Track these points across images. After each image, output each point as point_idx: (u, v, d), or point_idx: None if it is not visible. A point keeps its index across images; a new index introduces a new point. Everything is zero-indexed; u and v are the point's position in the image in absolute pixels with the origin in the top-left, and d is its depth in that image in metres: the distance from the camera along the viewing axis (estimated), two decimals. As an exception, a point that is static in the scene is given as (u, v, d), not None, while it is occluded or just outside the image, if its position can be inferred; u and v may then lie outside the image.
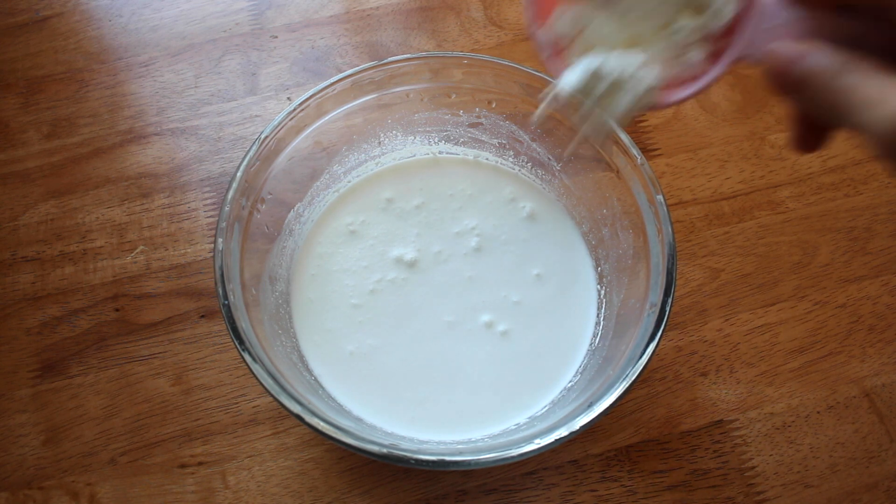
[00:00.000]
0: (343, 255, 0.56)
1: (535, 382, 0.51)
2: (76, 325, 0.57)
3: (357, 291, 0.54)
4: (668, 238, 0.47)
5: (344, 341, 0.52)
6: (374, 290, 0.54)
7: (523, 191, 0.58)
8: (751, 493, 0.52)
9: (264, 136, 0.50)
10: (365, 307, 0.53)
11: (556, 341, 0.52)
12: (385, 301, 0.54)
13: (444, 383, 0.51)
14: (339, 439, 0.41)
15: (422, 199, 0.58)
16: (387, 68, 0.54)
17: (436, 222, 0.57)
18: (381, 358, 0.52)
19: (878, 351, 0.57)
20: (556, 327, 0.53)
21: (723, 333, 0.57)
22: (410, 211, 0.57)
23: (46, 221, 0.61)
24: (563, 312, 0.54)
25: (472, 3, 0.73)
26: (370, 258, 0.55)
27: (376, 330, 0.53)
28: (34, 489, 0.51)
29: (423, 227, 0.57)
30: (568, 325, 0.53)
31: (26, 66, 0.69)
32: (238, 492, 0.51)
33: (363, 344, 0.52)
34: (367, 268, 0.55)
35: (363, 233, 0.57)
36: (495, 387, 0.51)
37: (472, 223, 0.57)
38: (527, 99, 0.55)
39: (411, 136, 0.59)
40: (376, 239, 0.56)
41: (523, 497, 0.51)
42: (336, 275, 0.55)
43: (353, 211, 0.58)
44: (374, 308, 0.53)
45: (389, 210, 0.58)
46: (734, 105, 0.68)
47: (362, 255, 0.56)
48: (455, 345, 0.52)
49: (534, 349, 0.52)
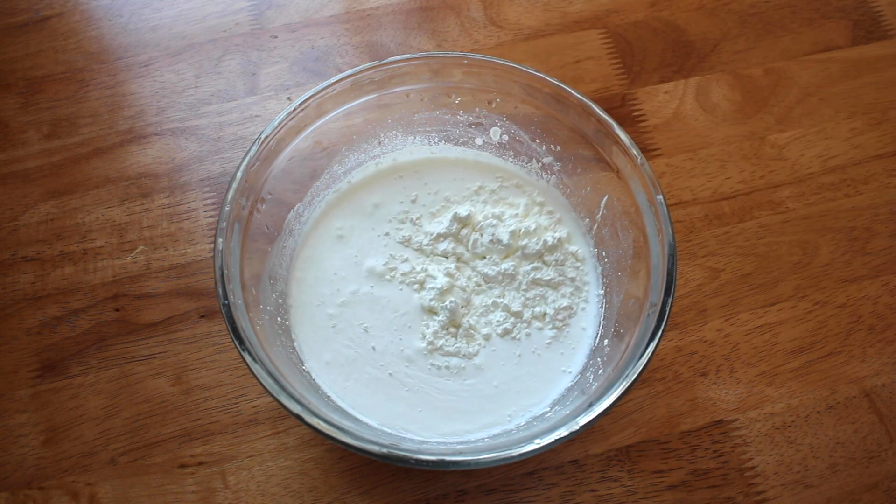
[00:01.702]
0: (329, 261, 0.55)
1: (535, 383, 0.51)
2: (76, 325, 0.57)
3: (332, 301, 0.53)
4: (668, 238, 0.47)
5: (321, 349, 0.52)
6: (347, 302, 0.53)
7: (524, 190, 0.58)
8: (751, 493, 0.52)
9: (264, 136, 0.50)
10: (338, 317, 0.53)
11: (556, 342, 0.52)
12: (358, 313, 0.53)
13: (443, 384, 0.51)
14: (339, 439, 0.41)
15: (415, 197, 0.58)
16: (387, 68, 0.54)
17: (432, 222, 0.57)
18: (361, 368, 0.51)
19: (878, 351, 0.57)
20: (549, 340, 0.53)
21: (723, 333, 0.57)
22: (399, 215, 0.57)
23: (46, 221, 0.61)
24: (563, 313, 0.53)
25: (472, 3, 0.73)
26: (347, 267, 0.55)
27: (350, 342, 0.52)
28: (34, 489, 0.51)
29: (419, 229, 0.57)
30: (561, 338, 0.53)
31: (26, 66, 0.69)
32: (238, 492, 0.51)
33: (339, 355, 0.51)
34: (344, 278, 0.54)
35: (349, 238, 0.56)
36: (495, 387, 0.51)
37: (471, 223, 0.56)
38: (527, 99, 0.55)
39: (411, 136, 0.59)
40: (358, 248, 0.55)
41: (523, 497, 0.51)
42: (319, 282, 0.54)
43: (344, 215, 0.57)
44: (349, 318, 0.53)
45: (375, 215, 0.57)
46: (734, 105, 0.68)
47: (342, 265, 0.55)
48: (454, 346, 0.52)
49: (534, 350, 0.52)
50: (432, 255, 0.55)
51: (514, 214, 0.56)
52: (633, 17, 0.72)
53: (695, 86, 0.69)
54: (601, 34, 0.71)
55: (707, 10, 0.73)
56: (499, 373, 0.51)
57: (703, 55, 0.70)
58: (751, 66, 0.70)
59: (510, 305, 0.53)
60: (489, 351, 0.52)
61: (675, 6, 0.73)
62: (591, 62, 0.70)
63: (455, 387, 0.51)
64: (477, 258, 0.55)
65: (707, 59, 0.70)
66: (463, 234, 0.56)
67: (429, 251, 0.55)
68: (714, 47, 0.71)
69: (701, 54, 0.70)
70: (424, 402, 0.50)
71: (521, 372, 0.51)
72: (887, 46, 0.71)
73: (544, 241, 0.54)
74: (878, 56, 0.71)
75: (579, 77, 0.69)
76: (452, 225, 0.55)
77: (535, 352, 0.52)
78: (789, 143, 0.66)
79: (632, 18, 0.72)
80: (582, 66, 0.69)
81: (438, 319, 0.52)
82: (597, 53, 0.70)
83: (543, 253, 0.54)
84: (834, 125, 0.67)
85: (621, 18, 0.72)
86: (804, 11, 0.73)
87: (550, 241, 0.54)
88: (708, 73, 0.69)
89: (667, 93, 0.68)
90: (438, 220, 0.57)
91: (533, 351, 0.52)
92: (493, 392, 0.50)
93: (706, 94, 0.68)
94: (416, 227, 0.57)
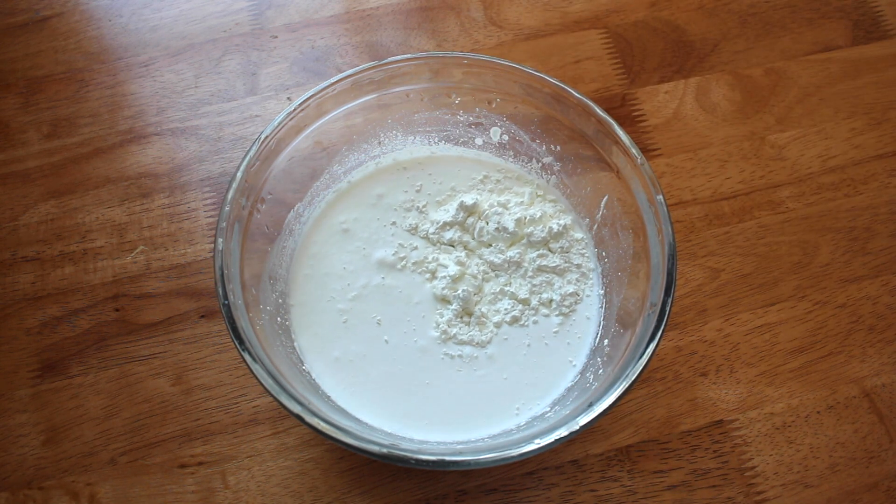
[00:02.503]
0: (336, 256, 0.55)
1: (535, 383, 0.51)
2: (76, 325, 0.57)
3: (343, 296, 0.54)
4: (668, 238, 0.47)
5: (331, 347, 0.52)
6: (358, 296, 0.53)
7: (524, 190, 0.58)
8: (751, 493, 0.52)
9: (264, 136, 0.50)
10: (350, 311, 0.53)
11: (563, 330, 0.52)
12: (370, 306, 0.53)
13: (442, 385, 0.51)
14: (339, 439, 0.41)
15: (420, 186, 0.58)
16: (387, 68, 0.54)
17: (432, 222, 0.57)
18: (372, 364, 0.51)
19: (878, 351, 0.57)
20: (556, 328, 0.53)
21: (723, 333, 0.57)
22: (399, 209, 0.57)
23: (46, 221, 0.61)
24: (569, 299, 0.54)
25: (472, 3, 0.73)
26: (356, 261, 0.55)
27: (363, 336, 0.52)
28: (34, 489, 0.51)
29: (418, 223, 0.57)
30: (568, 326, 0.53)
31: (26, 66, 0.69)
32: (238, 492, 0.51)
33: (349, 351, 0.51)
34: (353, 272, 0.54)
35: (355, 231, 0.56)
36: (495, 387, 0.51)
37: (477, 211, 0.56)
38: (527, 99, 0.55)
39: (411, 136, 0.59)
40: (365, 240, 0.56)
41: (523, 497, 0.51)
42: (328, 278, 0.54)
43: (347, 209, 0.57)
44: (361, 313, 0.53)
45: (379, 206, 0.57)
46: (734, 105, 0.68)
47: (351, 258, 0.55)
48: (468, 334, 0.52)
49: (542, 337, 0.52)
50: (439, 244, 0.56)
51: (519, 202, 0.57)
52: (633, 17, 0.72)
53: (695, 86, 0.69)
54: (601, 34, 0.71)
55: (707, 10, 0.73)
56: (509, 363, 0.51)
57: (703, 55, 0.70)
58: (751, 66, 0.70)
59: (517, 293, 0.53)
60: (500, 339, 0.52)
61: (675, 6, 0.73)
62: (591, 62, 0.70)
63: (466, 378, 0.51)
64: (483, 246, 0.55)
65: (707, 59, 0.70)
66: (469, 222, 0.56)
67: (435, 240, 0.56)
68: (714, 47, 0.71)
69: (701, 54, 0.70)
70: (435, 398, 0.50)
71: (529, 362, 0.51)
72: (887, 46, 0.71)
73: (549, 229, 0.55)
74: (878, 56, 0.71)
75: (579, 77, 0.69)
76: (459, 213, 0.55)
77: (543, 339, 0.52)
78: (789, 143, 0.66)
79: (632, 18, 0.72)
80: (582, 66, 0.69)
81: (452, 308, 0.52)
82: (597, 53, 0.70)
83: (549, 240, 0.55)
84: (834, 125, 0.67)
85: (621, 18, 0.72)
86: (804, 11, 0.73)
87: (556, 228, 0.55)
88: (708, 73, 0.69)
89: (667, 93, 0.68)
90: (444, 209, 0.57)
91: (541, 338, 0.52)
92: (503, 385, 0.50)
93: (706, 94, 0.68)
94: (422, 215, 0.57)
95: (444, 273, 0.53)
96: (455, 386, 0.50)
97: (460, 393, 0.50)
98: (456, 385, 0.50)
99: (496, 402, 0.50)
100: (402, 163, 0.59)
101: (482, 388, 0.50)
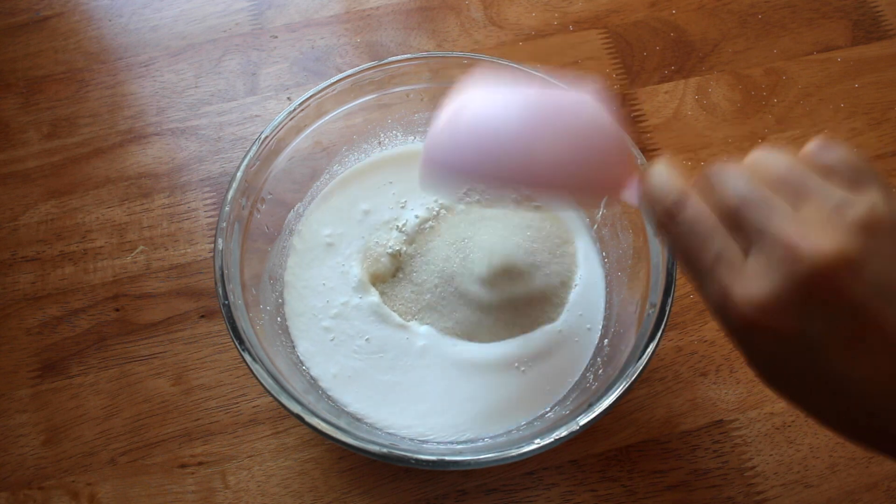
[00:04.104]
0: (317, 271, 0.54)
1: (535, 383, 0.51)
2: (76, 325, 0.57)
3: (325, 313, 0.53)
4: (668, 238, 0.47)
5: (327, 363, 0.51)
6: (339, 315, 0.53)
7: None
8: (751, 493, 0.51)
9: (264, 136, 0.50)
10: (335, 329, 0.52)
11: (556, 342, 0.52)
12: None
13: (442, 386, 0.51)
14: (339, 439, 0.41)
15: (406, 199, 0.57)
16: (387, 68, 0.54)
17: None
18: (370, 371, 0.51)
19: (878, 351, 0.57)
20: (556, 328, 0.53)
21: (723, 333, 0.57)
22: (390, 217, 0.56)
23: (46, 221, 0.61)
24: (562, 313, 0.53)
25: (472, 3, 0.73)
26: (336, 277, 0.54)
27: (361, 350, 0.51)
28: (34, 489, 0.51)
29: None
30: (568, 326, 0.53)
31: (26, 66, 0.69)
32: (238, 492, 0.51)
33: (345, 367, 0.51)
34: (333, 289, 0.53)
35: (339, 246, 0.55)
36: (495, 387, 0.51)
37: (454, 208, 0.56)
38: (527, 99, 0.55)
39: (411, 136, 0.59)
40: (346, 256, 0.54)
41: (523, 497, 0.51)
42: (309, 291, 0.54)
43: (332, 222, 0.56)
44: (346, 330, 0.52)
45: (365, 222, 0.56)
46: (734, 105, 0.68)
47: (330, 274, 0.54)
48: (453, 345, 0.52)
49: (534, 349, 0.52)
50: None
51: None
52: (633, 17, 0.72)
53: (695, 86, 0.69)
54: (601, 34, 0.71)
55: (707, 10, 0.73)
56: (498, 373, 0.51)
57: (703, 55, 0.70)
58: (751, 66, 0.70)
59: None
60: (489, 351, 0.52)
61: (675, 6, 0.73)
62: (591, 62, 0.70)
63: (466, 379, 0.50)
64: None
65: (707, 59, 0.70)
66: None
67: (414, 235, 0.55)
68: (714, 47, 0.71)
69: (701, 54, 0.70)
70: (435, 398, 0.50)
71: (520, 372, 0.51)
72: (887, 46, 0.71)
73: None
74: (878, 56, 0.71)
75: (579, 77, 0.69)
76: (437, 209, 0.55)
77: (536, 352, 0.52)
78: (789, 143, 0.66)
79: (632, 18, 0.72)
80: (582, 66, 0.69)
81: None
82: (597, 53, 0.70)
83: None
84: (834, 125, 0.67)
85: (621, 18, 0.72)
86: (804, 11, 0.73)
87: (556, 229, 0.55)
88: (708, 73, 0.69)
89: (667, 93, 0.68)
90: (424, 206, 0.56)
91: (533, 351, 0.52)
92: (494, 392, 0.50)
93: (706, 94, 0.68)
94: (402, 222, 0.55)
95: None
96: (455, 387, 0.50)
97: (460, 393, 0.50)
98: (456, 386, 0.50)
99: (496, 403, 0.50)
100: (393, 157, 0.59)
101: (482, 388, 0.50)
